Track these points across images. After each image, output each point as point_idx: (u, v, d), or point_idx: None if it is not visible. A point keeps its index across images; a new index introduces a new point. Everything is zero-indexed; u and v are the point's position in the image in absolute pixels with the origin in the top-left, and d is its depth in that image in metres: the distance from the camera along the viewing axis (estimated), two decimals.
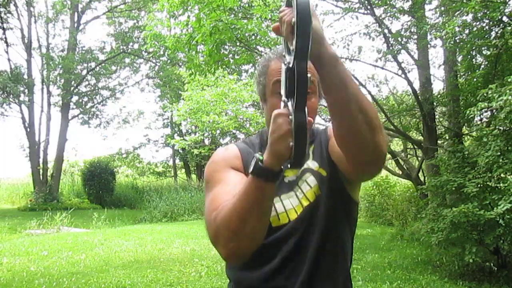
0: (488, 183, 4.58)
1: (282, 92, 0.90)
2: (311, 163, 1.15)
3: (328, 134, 1.19)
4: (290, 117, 0.86)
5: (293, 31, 0.79)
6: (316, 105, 1.15)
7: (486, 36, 6.10)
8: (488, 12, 5.38)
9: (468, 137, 8.26)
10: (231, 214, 0.96)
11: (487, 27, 6.17)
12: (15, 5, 15.59)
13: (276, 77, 1.10)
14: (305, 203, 1.11)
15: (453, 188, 4.78)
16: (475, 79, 6.93)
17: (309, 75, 0.83)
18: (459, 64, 7.64)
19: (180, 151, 17.55)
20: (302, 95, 0.84)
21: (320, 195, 1.11)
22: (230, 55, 8.41)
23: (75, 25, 16.97)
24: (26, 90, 15.29)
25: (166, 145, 19.14)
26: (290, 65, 0.84)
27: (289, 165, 0.91)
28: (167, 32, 8.57)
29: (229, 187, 1.05)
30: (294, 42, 0.79)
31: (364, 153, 0.93)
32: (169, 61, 16.99)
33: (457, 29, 5.73)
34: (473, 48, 6.42)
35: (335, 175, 1.12)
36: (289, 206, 1.11)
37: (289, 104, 0.88)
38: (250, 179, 0.93)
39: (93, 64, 17.39)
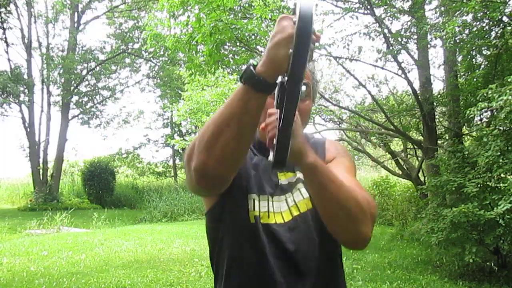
0: (488, 183, 4.58)
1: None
2: None
3: (325, 156, 1.17)
4: (294, 19, 0.75)
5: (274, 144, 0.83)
6: (310, 107, 1.14)
7: (486, 36, 6.09)
8: (488, 12, 5.38)
9: (468, 137, 8.26)
10: (209, 123, 0.90)
11: (487, 27, 6.17)
12: (15, 5, 15.59)
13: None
14: (295, 213, 1.10)
15: (453, 188, 4.78)
16: (475, 79, 6.93)
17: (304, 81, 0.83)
18: (459, 64, 7.63)
19: (180, 151, 17.54)
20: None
21: (312, 208, 1.10)
22: (230, 55, 8.40)
23: (75, 25, 16.97)
24: (26, 90, 15.30)
25: (166, 145, 19.15)
26: (271, 163, 0.87)
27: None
28: (167, 32, 8.57)
29: None
30: (272, 155, 0.84)
31: (345, 238, 1.00)
32: (169, 61, 17.00)
33: (457, 29, 5.72)
34: (473, 48, 6.41)
35: None
36: (277, 209, 1.10)
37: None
38: (238, 87, 0.85)
39: (93, 64, 17.40)
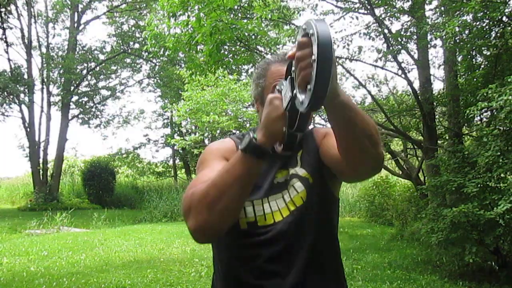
0: (488, 183, 4.58)
1: (284, 104, 0.96)
2: (298, 170, 1.18)
3: (316, 140, 1.21)
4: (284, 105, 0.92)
5: (313, 70, 0.74)
6: None
7: (486, 36, 6.09)
8: (488, 12, 5.38)
9: (468, 137, 8.25)
10: (209, 186, 0.97)
11: (487, 27, 6.16)
12: (15, 5, 15.59)
13: (276, 80, 1.11)
14: (292, 208, 1.13)
15: (453, 188, 4.77)
16: (475, 79, 6.92)
17: None
18: (459, 64, 7.62)
19: (180, 151, 17.54)
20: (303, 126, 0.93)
21: (308, 200, 1.14)
22: (230, 55, 8.40)
23: (75, 25, 16.97)
24: (26, 90, 15.30)
25: (166, 145, 19.13)
26: (302, 108, 0.81)
27: (281, 148, 0.97)
28: (167, 32, 8.57)
29: (215, 173, 1.05)
30: (312, 84, 0.74)
31: (368, 162, 1.02)
32: (169, 61, 16.99)
33: (457, 29, 5.72)
34: (473, 48, 6.41)
35: (322, 180, 1.17)
36: (275, 207, 1.14)
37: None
38: (240, 155, 0.95)
39: (93, 64, 17.39)
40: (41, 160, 15.61)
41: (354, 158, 1.00)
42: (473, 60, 7.24)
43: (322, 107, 0.83)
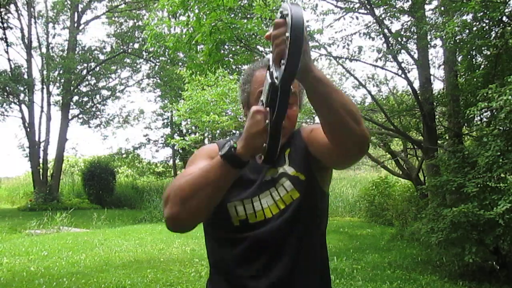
0: (488, 183, 4.57)
1: (263, 98, 0.97)
2: (287, 168, 1.20)
3: (303, 136, 1.24)
4: (267, 121, 0.93)
5: (286, 46, 0.81)
6: (296, 113, 1.23)
7: (486, 36, 6.09)
8: (488, 12, 5.38)
9: (468, 137, 8.25)
10: (186, 183, 1.02)
11: (487, 27, 6.16)
12: (15, 5, 15.59)
13: (261, 87, 1.13)
14: (282, 206, 1.16)
15: (453, 188, 4.78)
16: (475, 79, 6.92)
17: (292, 89, 0.89)
18: (459, 64, 7.62)
19: (180, 151, 17.53)
20: (283, 107, 0.91)
21: (298, 198, 1.16)
22: (230, 55, 8.40)
23: (75, 25, 16.98)
24: (26, 90, 15.30)
25: (166, 145, 19.12)
26: (277, 81, 0.87)
27: (261, 160, 0.98)
28: (167, 31, 8.56)
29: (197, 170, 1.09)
30: (285, 58, 0.81)
31: (353, 140, 1.01)
32: (169, 61, 17.00)
33: (457, 29, 5.71)
34: (473, 48, 6.40)
35: (312, 177, 1.19)
36: (265, 205, 1.17)
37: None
38: (218, 160, 0.99)
39: (93, 64, 17.40)
40: (41, 160, 15.61)
41: (339, 135, 1.01)
42: (473, 60, 7.23)
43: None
